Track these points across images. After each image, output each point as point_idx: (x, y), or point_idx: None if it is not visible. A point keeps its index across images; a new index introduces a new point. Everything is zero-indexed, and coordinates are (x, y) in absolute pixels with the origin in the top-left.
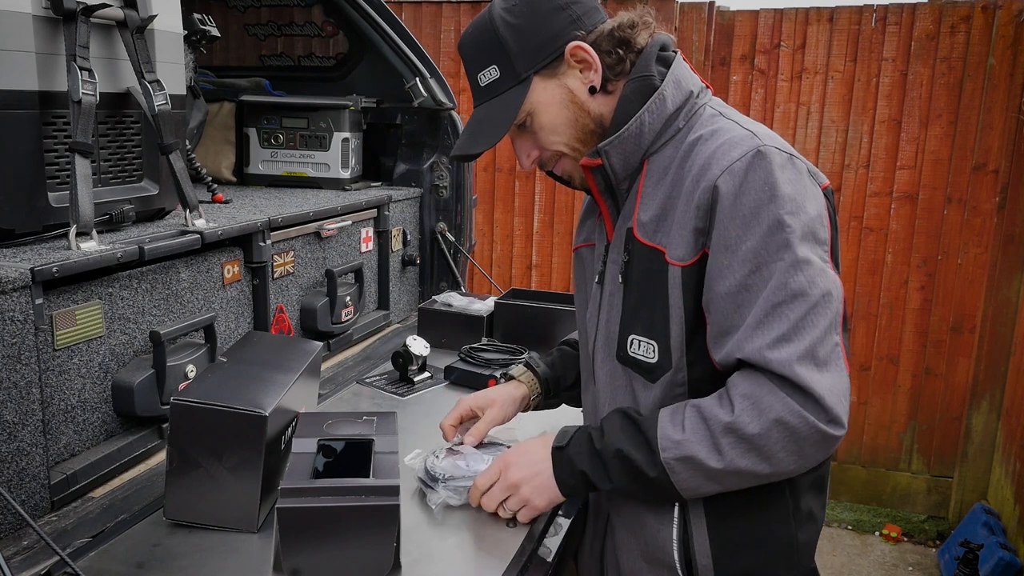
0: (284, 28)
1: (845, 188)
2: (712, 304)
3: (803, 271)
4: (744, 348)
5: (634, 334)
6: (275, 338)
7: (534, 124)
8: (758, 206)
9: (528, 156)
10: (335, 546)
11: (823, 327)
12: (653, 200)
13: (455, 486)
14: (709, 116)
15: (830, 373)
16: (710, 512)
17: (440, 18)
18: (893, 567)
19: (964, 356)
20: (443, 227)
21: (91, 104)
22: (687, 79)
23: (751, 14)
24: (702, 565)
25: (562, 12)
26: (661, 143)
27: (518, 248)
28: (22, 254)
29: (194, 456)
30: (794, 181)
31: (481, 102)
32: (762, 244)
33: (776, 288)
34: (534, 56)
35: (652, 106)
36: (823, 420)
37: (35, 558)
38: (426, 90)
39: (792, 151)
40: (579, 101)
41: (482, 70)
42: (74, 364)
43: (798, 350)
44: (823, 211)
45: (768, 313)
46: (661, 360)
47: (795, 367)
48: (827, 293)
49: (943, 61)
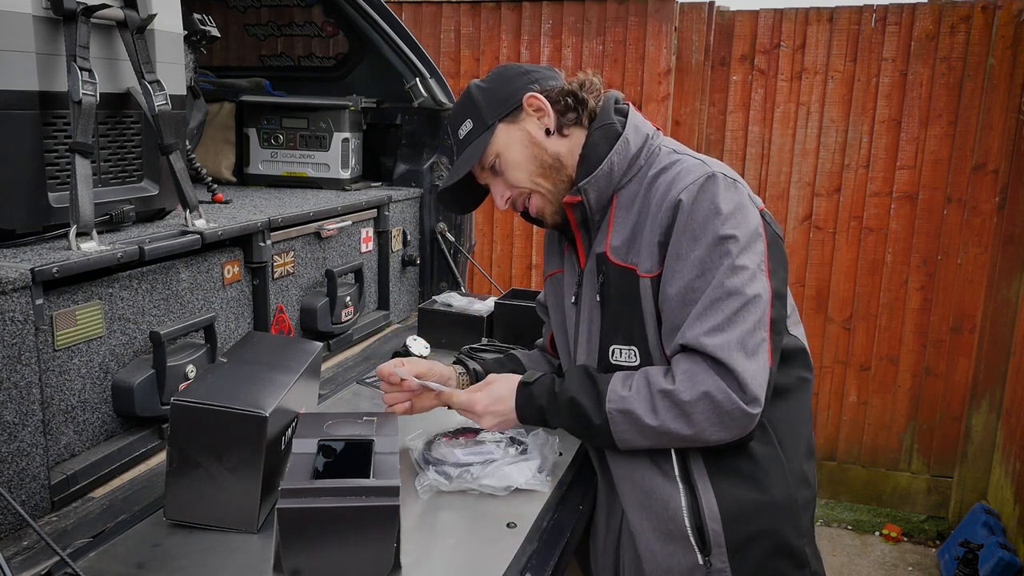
0: (284, 28)
1: (845, 188)
2: (664, 305)
3: (739, 275)
4: (686, 335)
5: (615, 344)
6: (275, 338)
7: (502, 164)
8: (705, 222)
9: (501, 196)
10: (335, 546)
11: (752, 322)
12: (624, 227)
13: (445, 471)
14: (666, 153)
15: (755, 361)
16: (714, 476)
17: (440, 18)
18: (893, 567)
19: (964, 356)
20: (443, 227)
21: (91, 104)
22: (643, 124)
23: (751, 14)
24: (712, 531)
25: (524, 76)
26: (627, 180)
27: (518, 248)
28: (22, 254)
29: (194, 456)
30: (736, 201)
31: (460, 151)
32: (707, 253)
33: (715, 287)
34: (499, 107)
35: (619, 148)
36: (744, 399)
37: (35, 558)
38: (426, 90)
39: (736, 177)
40: (536, 141)
41: (460, 125)
42: (74, 364)
43: (730, 338)
44: (760, 228)
45: (707, 307)
46: (643, 363)
47: (727, 352)
48: (757, 295)
49: (943, 61)
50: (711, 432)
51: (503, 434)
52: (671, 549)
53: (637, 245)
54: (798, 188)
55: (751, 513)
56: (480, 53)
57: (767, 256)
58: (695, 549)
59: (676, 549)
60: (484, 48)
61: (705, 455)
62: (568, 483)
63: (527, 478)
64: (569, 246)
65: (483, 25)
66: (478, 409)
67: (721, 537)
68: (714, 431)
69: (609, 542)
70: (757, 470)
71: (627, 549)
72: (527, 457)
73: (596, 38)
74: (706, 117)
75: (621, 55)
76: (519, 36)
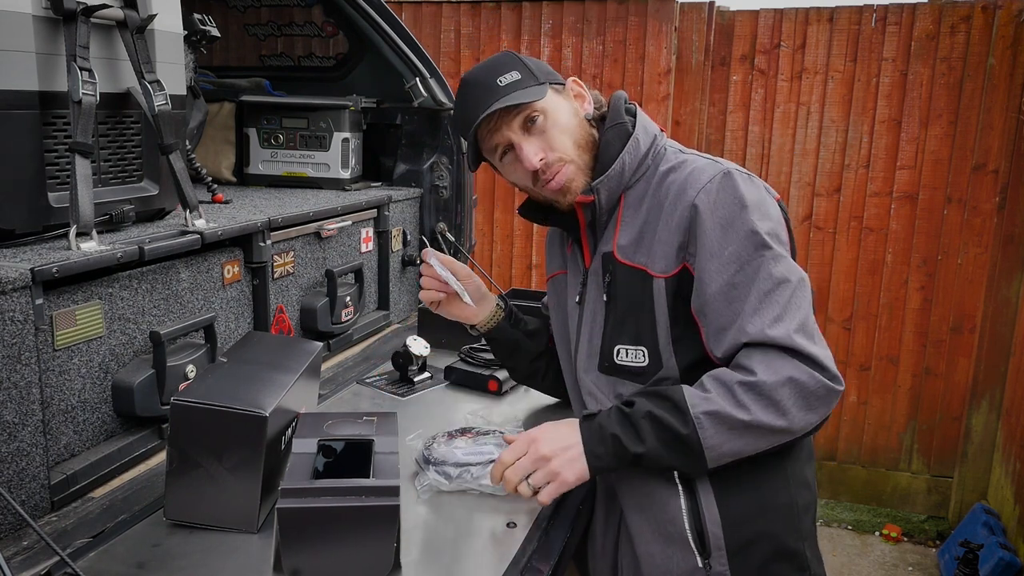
0: (284, 28)
1: (845, 188)
2: (706, 307)
3: (781, 263)
4: (748, 331)
5: (620, 344)
6: (275, 338)
7: (547, 122)
8: (732, 216)
9: (536, 154)
10: (335, 546)
11: (807, 307)
12: (632, 227)
13: (445, 471)
14: (673, 152)
15: (819, 344)
16: (714, 478)
17: (440, 18)
18: (893, 567)
19: (964, 356)
20: (443, 227)
21: (91, 104)
22: (650, 124)
23: (751, 14)
24: (713, 535)
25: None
26: (636, 179)
27: (518, 248)
28: (22, 254)
29: (194, 456)
30: (756, 193)
31: (498, 97)
32: (742, 247)
33: (764, 279)
34: (548, 75)
35: (630, 148)
36: (827, 376)
37: (35, 558)
38: (426, 90)
39: (748, 172)
40: (580, 118)
41: (503, 74)
42: (74, 364)
43: (793, 325)
44: (781, 218)
45: (761, 300)
46: (651, 362)
47: (795, 338)
48: (802, 279)
49: (943, 61)
50: (800, 417)
51: (501, 433)
52: (670, 552)
53: (647, 245)
54: (798, 188)
55: (751, 516)
56: (480, 53)
57: (790, 246)
58: (695, 552)
59: (675, 552)
60: (484, 48)
61: None
62: None
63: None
64: (573, 246)
65: (483, 25)
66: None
67: (721, 540)
68: (803, 415)
69: (607, 543)
70: (757, 473)
71: (625, 551)
72: None
73: (596, 38)
74: (706, 117)
75: (621, 55)
76: (519, 36)
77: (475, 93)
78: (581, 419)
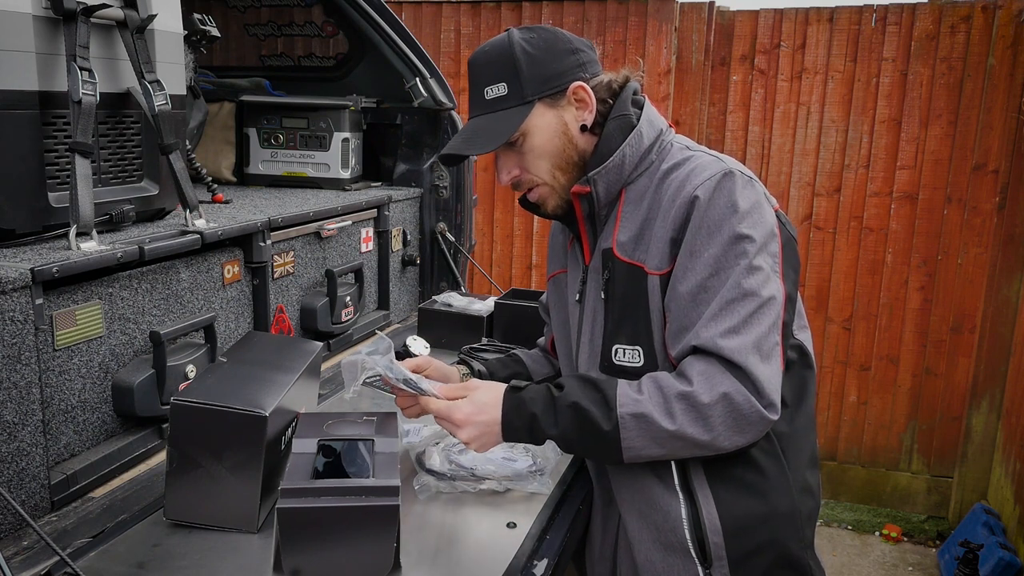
0: (284, 28)
1: (845, 188)
2: (673, 303)
3: (755, 275)
4: (700, 336)
5: (618, 344)
6: (275, 338)
7: (524, 145)
8: (721, 219)
9: (508, 173)
10: (335, 546)
11: (767, 325)
12: (631, 223)
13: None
14: (678, 149)
15: (770, 365)
16: (715, 486)
17: (440, 18)
18: (893, 567)
19: (964, 356)
20: (443, 227)
21: (91, 104)
22: (657, 119)
23: (751, 14)
24: (714, 543)
25: (572, 55)
26: (637, 174)
27: (518, 248)
28: (22, 254)
29: (194, 456)
30: (753, 199)
31: (481, 113)
32: (722, 252)
33: (731, 287)
34: (542, 84)
35: (632, 141)
36: (762, 403)
37: (35, 558)
38: (426, 90)
39: (752, 175)
40: (569, 134)
41: (491, 85)
42: (74, 364)
43: (746, 341)
44: (775, 228)
45: (723, 308)
46: (647, 363)
47: (743, 355)
48: (772, 297)
49: (943, 61)
50: (726, 437)
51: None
52: (671, 560)
53: (645, 242)
54: (798, 188)
55: (754, 525)
56: None
57: (781, 258)
58: (696, 561)
59: (676, 560)
60: None
61: (705, 464)
62: (568, 483)
63: (527, 478)
64: (574, 242)
65: (483, 25)
66: (457, 418)
67: (723, 550)
68: (730, 436)
69: (606, 548)
70: (760, 480)
71: (624, 557)
72: (527, 457)
73: (596, 38)
74: (706, 117)
75: (621, 55)
76: None
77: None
78: (507, 389)
